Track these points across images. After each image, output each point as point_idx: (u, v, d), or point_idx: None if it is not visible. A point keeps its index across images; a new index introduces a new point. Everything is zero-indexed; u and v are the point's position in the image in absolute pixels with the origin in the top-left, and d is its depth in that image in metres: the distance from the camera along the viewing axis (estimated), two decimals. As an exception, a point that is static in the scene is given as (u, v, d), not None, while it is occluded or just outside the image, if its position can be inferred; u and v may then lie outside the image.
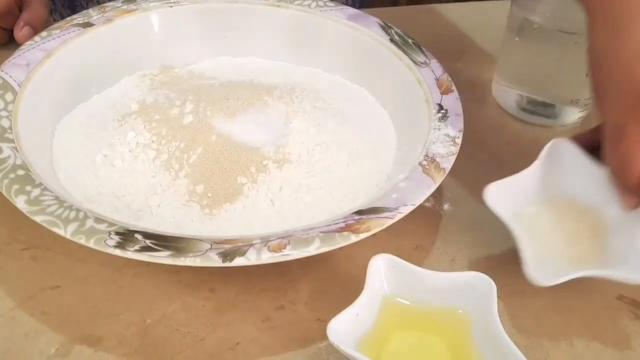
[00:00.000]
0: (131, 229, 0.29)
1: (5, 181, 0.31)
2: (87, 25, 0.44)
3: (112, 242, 0.28)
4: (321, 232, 0.30)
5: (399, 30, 0.46)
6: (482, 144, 0.46)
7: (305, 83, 0.46)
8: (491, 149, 0.46)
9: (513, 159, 0.45)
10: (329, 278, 0.34)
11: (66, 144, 0.38)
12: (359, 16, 0.47)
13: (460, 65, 0.54)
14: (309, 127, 0.40)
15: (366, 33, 0.46)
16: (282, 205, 0.36)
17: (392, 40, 0.45)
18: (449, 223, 0.39)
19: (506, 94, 0.49)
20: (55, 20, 0.61)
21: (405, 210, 0.31)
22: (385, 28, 0.46)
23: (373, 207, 0.31)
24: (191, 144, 0.37)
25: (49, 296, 0.32)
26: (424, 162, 0.35)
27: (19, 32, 0.48)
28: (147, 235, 0.29)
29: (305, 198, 0.36)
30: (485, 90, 0.51)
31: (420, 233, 0.37)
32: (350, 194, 0.37)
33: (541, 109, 0.48)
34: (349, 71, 0.47)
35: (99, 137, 0.38)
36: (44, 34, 0.42)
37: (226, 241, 0.29)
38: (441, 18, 0.61)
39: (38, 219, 0.29)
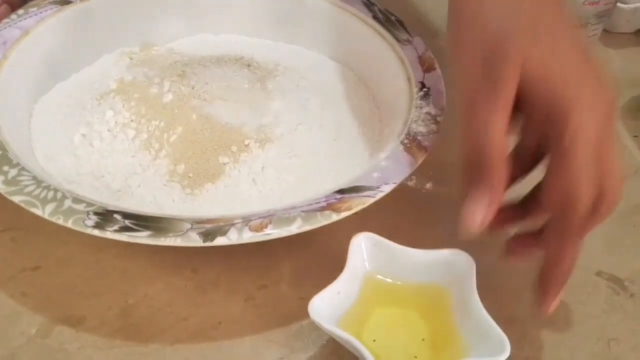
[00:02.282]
0: (110, 209, 0.29)
1: (-19, 161, 0.30)
2: (65, 2, 0.42)
3: (90, 223, 0.28)
4: (302, 211, 0.30)
5: (382, 8, 0.46)
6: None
7: (288, 60, 0.45)
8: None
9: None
10: (311, 257, 0.35)
11: (44, 123, 0.37)
12: (341, -7, 0.47)
13: (445, 42, 0.54)
14: (291, 105, 0.40)
15: (349, 10, 0.45)
16: (265, 185, 0.35)
17: (375, 18, 0.45)
18: (430, 202, 0.39)
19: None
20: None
21: (387, 189, 0.31)
22: (369, 5, 0.46)
23: (354, 186, 0.31)
24: (171, 123, 0.37)
25: (29, 277, 0.32)
26: (405, 141, 0.35)
27: None
28: (126, 215, 0.29)
29: (288, 178, 0.36)
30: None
31: (402, 212, 0.38)
32: (332, 173, 0.36)
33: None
34: (332, 49, 0.46)
35: (78, 117, 0.37)
36: (20, 11, 0.41)
37: (207, 220, 0.29)
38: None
39: (16, 199, 0.29)
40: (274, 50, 0.47)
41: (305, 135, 0.38)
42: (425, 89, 0.38)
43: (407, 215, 0.38)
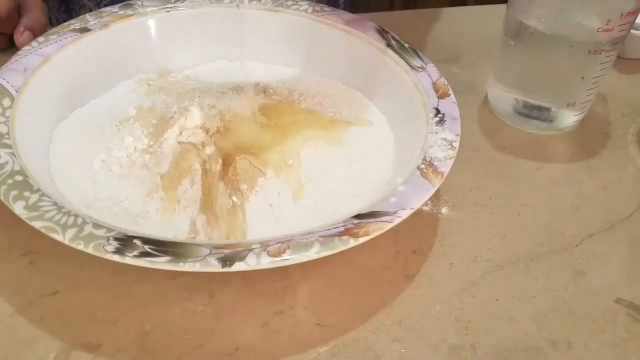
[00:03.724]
0: (130, 234, 0.29)
1: (4, 187, 0.31)
2: (84, 30, 0.44)
3: (110, 248, 0.28)
4: (320, 236, 0.30)
5: (395, 35, 0.46)
6: (479, 148, 0.46)
7: (302, 86, 0.46)
8: (488, 153, 0.46)
9: (510, 163, 0.45)
10: (328, 282, 0.34)
11: (63, 149, 0.38)
12: (355, 20, 0.47)
13: (457, 69, 0.55)
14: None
15: (363, 37, 0.46)
16: (281, 210, 0.36)
17: (388, 45, 0.45)
18: (447, 227, 0.39)
19: (502, 97, 0.49)
20: (52, 25, 0.61)
21: (404, 214, 0.31)
22: (382, 33, 0.46)
23: (372, 211, 0.32)
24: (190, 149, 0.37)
25: (48, 302, 0.32)
26: (422, 166, 0.35)
27: (20, 36, 0.48)
28: (145, 240, 0.29)
29: (304, 203, 0.36)
30: (480, 94, 0.52)
31: (418, 237, 0.37)
32: (349, 197, 0.37)
33: (537, 112, 0.48)
34: (346, 75, 0.47)
35: (97, 142, 0.38)
36: (41, 39, 0.42)
37: (225, 246, 0.29)
38: (437, 22, 0.61)
39: (37, 224, 0.29)
40: (289, 76, 0.47)
41: (322, 160, 0.39)
42: (440, 115, 0.39)
43: (424, 240, 0.38)
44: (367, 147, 0.41)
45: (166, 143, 0.37)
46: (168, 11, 0.47)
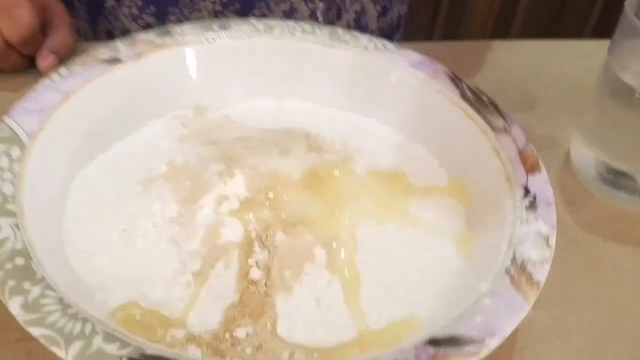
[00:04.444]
0: (148, 352, 0.23)
1: (0, 274, 0.25)
2: (115, 61, 0.38)
3: (123, 373, 0.22)
4: (386, 371, 0.24)
5: (470, 84, 0.39)
6: (561, 225, 0.39)
7: (358, 137, 0.39)
8: (572, 232, 0.39)
9: (598, 246, 0.38)
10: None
11: (79, 210, 0.32)
12: (424, 64, 0.41)
13: (533, 120, 0.47)
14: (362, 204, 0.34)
15: (432, 85, 0.39)
16: (330, 308, 0.29)
17: (463, 97, 0.39)
18: (528, 332, 0.32)
19: (585, 158, 0.42)
20: (79, 35, 0.56)
21: (493, 343, 0.25)
22: (455, 80, 0.40)
23: (452, 337, 0.25)
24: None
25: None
26: (512, 271, 0.28)
27: (44, 61, 0.42)
28: (166, 362, 0.23)
29: (358, 299, 0.30)
30: (561, 152, 0.45)
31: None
32: (414, 295, 0.30)
33: (622, 180, 0.41)
34: (410, 127, 0.40)
35: (119, 205, 0.32)
36: (64, 71, 0.36)
37: (267, 377, 0.23)
38: (497, 58, 0.53)
39: (35, 332, 0.23)
40: (343, 123, 0.41)
41: (380, 243, 0.32)
42: (530, 197, 0.32)
43: (500, 347, 0.31)
44: (434, 225, 0.34)
45: (200, 212, 0.31)
46: (210, 42, 0.41)
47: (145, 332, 0.26)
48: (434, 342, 0.25)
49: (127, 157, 0.36)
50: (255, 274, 0.30)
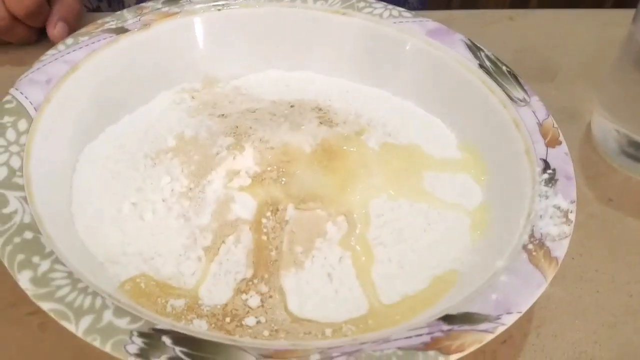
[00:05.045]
0: (158, 327, 0.23)
1: (8, 248, 0.25)
2: (121, 30, 0.37)
3: (133, 349, 0.22)
4: (399, 348, 0.23)
5: (489, 54, 0.38)
6: (580, 199, 0.38)
7: (372, 109, 0.38)
8: (591, 207, 0.38)
9: (618, 221, 0.37)
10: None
11: (89, 182, 0.31)
12: (440, 32, 0.39)
13: (554, 90, 0.46)
14: (375, 179, 0.33)
15: (449, 54, 0.38)
16: (342, 283, 0.29)
17: (481, 66, 0.37)
18: (545, 309, 0.31)
19: (606, 131, 0.41)
20: (86, 9, 0.55)
21: (509, 320, 0.24)
22: (474, 49, 0.38)
23: (466, 314, 0.24)
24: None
25: (58, 380, 0.27)
26: (530, 246, 0.27)
27: (53, 29, 0.42)
28: (177, 339, 0.23)
29: (371, 274, 0.29)
30: (582, 125, 0.43)
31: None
32: (428, 270, 0.30)
33: None
34: (425, 98, 0.39)
35: (128, 178, 0.32)
36: (69, 41, 0.35)
37: (276, 353, 0.23)
38: (522, 28, 0.52)
39: (45, 306, 0.23)
40: (356, 94, 0.40)
41: (394, 217, 0.31)
42: (549, 171, 0.31)
43: (515, 326, 0.30)
44: (448, 199, 0.33)
45: (209, 187, 0.30)
46: (219, 9, 0.39)
47: (150, 302, 0.26)
48: (448, 319, 0.24)
49: (135, 129, 0.35)
50: (266, 249, 0.29)
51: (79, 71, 0.34)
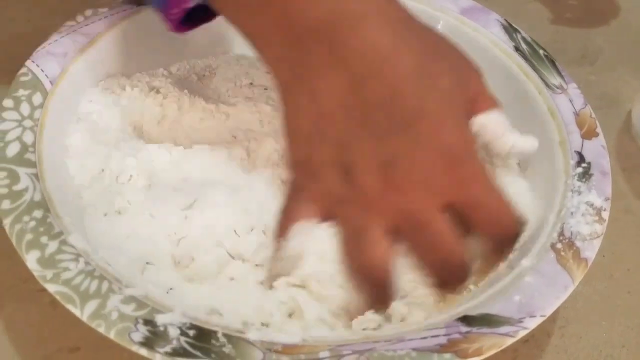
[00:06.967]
0: (165, 315, 0.22)
1: (17, 227, 0.24)
2: (141, 2, 0.36)
3: (138, 337, 0.22)
4: (414, 348, 0.22)
5: (526, 35, 0.36)
6: (616, 194, 0.36)
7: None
8: (627, 203, 0.36)
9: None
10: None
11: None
12: (475, 10, 0.37)
13: (593, 76, 0.43)
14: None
15: (485, 34, 0.36)
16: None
17: (517, 49, 0.35)
18: (571, 307, 0.30)
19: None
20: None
21: (531, 324, 0.23)
22: (509, 30, 0.36)
23: (487, 315, 0.23)
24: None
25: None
26: (559, 246, 0.25)
27: None
28: (183, 330, 0.22)
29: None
30: (621, 113, 0.41)
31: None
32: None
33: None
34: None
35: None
36: (88, 12, 0.34)
37: (285, 350, 0.22)
38: (561, 8, 0.48)
39: (51, 288, 0.23)
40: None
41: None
42: (584, 165, 0.29)
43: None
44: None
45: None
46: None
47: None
48: (467, 320, 0.23)
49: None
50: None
51: (97, 44, 0.33)
